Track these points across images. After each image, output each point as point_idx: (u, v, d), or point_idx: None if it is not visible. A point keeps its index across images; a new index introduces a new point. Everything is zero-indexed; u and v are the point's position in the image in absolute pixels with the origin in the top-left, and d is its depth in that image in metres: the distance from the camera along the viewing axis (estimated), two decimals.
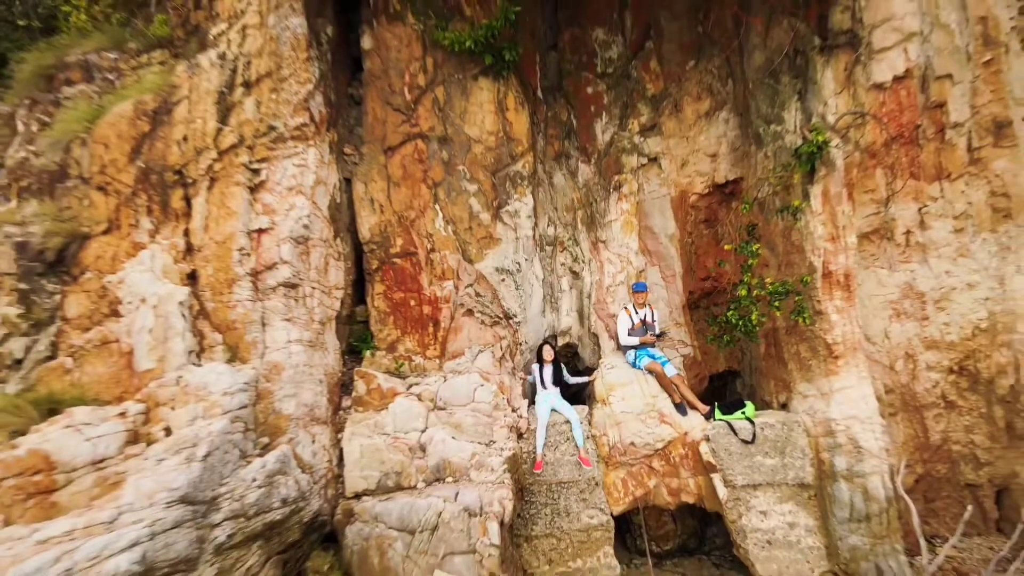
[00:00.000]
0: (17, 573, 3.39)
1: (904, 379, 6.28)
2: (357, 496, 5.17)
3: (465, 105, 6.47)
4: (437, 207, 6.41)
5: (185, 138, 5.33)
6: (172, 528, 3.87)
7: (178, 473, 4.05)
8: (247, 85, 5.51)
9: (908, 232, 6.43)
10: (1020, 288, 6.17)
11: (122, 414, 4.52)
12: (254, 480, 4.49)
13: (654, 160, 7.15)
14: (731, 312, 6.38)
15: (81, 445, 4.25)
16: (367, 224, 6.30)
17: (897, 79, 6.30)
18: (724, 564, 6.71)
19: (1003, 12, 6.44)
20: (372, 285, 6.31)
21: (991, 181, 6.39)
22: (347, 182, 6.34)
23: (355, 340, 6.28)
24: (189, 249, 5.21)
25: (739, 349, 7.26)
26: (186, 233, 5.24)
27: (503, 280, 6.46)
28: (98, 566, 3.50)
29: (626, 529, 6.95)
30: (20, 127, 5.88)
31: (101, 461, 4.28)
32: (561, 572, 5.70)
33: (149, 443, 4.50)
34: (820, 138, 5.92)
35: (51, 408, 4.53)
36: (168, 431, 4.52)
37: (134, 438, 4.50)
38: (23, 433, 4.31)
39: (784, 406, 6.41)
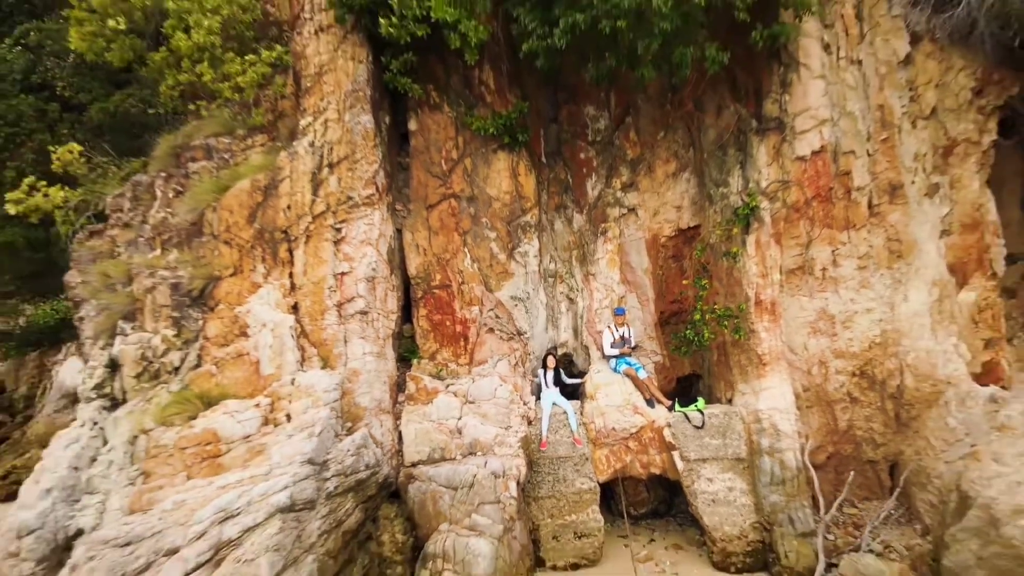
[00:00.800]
0: (219, 503, 5.35)
1: (818, 380, 8.23)
2: (414, 465, 7.12)
3: (487, 172, 8.43)
4: (466, 250, 8.37)
5: (289, 207, 7.30)
6: (304, 479, 5.82)
7: (304, 443, 6.01)
8: (331, 166, 7.48)
9: (824, 269, 8.37)
10: (905, 312, 8.12)
11: (257, 405, 6.47)
12: (348, 450, 6.45)
13: (632, 210, 9.10)
14: (689, 331, 8.34)
15: (235, 425, 6.21)
16: (414, 263, 8.26)
17: (815, 153, 8.24)
18: (685, 524, 8.65)
19: (896, 101, 8.39)
20: (417, 309, 8.27)
21: (887, 230, 8.34)
22: (398, 231, 8.30)
23: (405, 351, 8.22)
24: (293, 287, 7.18)
25: (700, 356, 9.19)
26: (290, 276, 7.21)
27: (516, 305, 8.41)
28: (266, 500, 5.45)
29: (610, 497, 8.86)
30: (159, 194, 7.84)
31: (248, 436, 6.23)
32: (560, 524, 7.64)
33: (275, 425, 6.45)
34: (753, 203, 7.89)
35: (207, 402, 6.49)
36: (288, 417, 6.47)
37: (265, 422, 6.44)
38: (194, 417, 6.27)
39: (730, 401, 8.35)
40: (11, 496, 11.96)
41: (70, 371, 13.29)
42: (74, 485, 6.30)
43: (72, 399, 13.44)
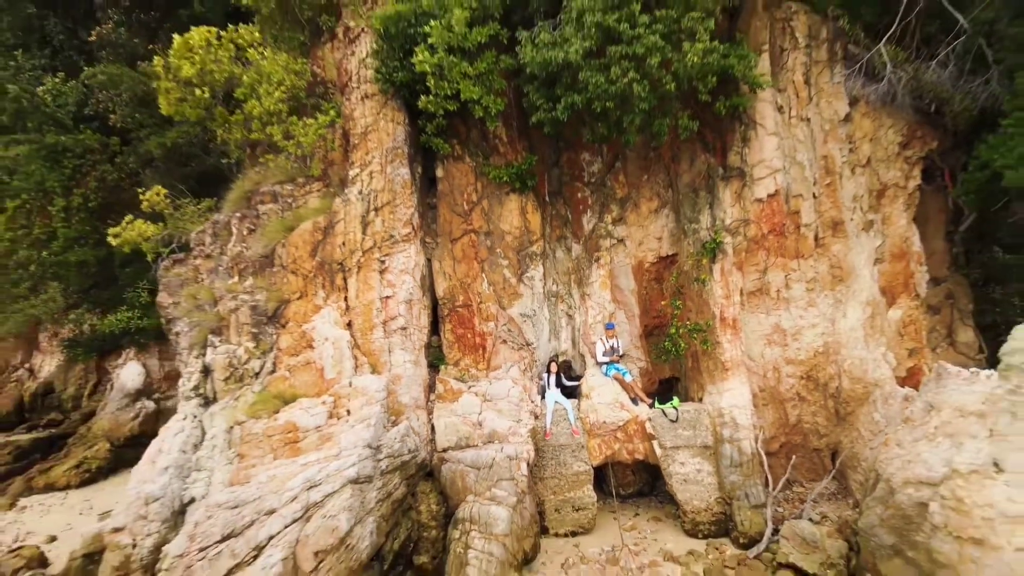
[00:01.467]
0: (306, 475, 7.05)
1: (772, 383, 9.94)
2: (444, 450, 8.82)
3: (501, 211, 10.14)
4: (483, 275, 10.07)
5: (343, 243, 9.00)
6: (365, 459, 7.52)
7: (364, 432, 7.70)
8: (376, 210, 9.19)
9: (778, 291, 10.07)
10: (844, 327, 9.81)
11: (323, 403, 8.16)
12: (395, 438, 8.16)
13: (621, 241, 10.81)
14: (667, 342, 10.05)
15: (309, 418, 7.91)
16: (441, 287, 9.97)
17: (770, 196, 9.93)
18: (665, 501, 10.32)
19: (838, 152, 10.10)
20: (444, 325, 9.97)
21: (830, 259, 10.04)
22: (428, 261, 9.99)
23: (434, 359, 9.90)
24: (347, 308, 8.88)
25: (678, 363, 10.89)
26: (345, 299, 8.91)
27: (525, 321, 10.12)
28: (340, 473, 7.15)
29: (602, 480, 10.55)
30: (235, 231, 9.54)
31: (319, 427, 7.93)
32: (561, 499, 9.34)
33: (338, 418, 8.13)
34: (718, 238, 9.60)
35: (284, 400, 8.18)
36: (348, 412, 8.16)
37: (331, 415, 8.14)
38: (276, 412, 7.96)
39: (700, 400, 10.05)
40: (84, 483, 13.75)
41: (130, 374, 15.00)
42: (183, 464, 8.00)
43: (133, 398, 15.16)
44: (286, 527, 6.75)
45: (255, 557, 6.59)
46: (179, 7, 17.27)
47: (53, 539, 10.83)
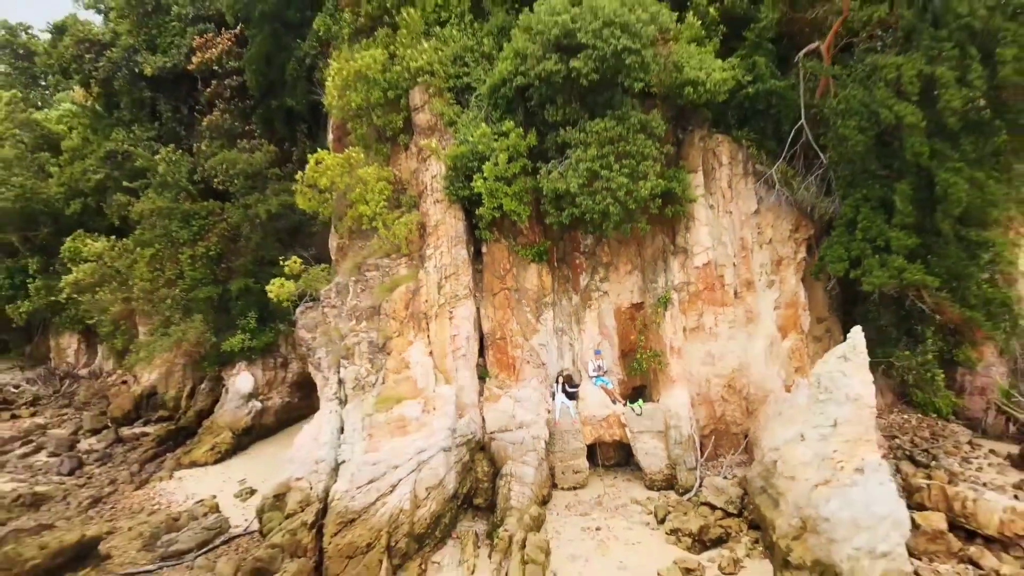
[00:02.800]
0: (416, 446, 11.81)
1: (705, 390, 14.68)
2: (492, 433, 13.55)
3: (525, 275, 14.87)
4: (514, 318, 14.81)
5: (426, 300, 13.76)
6: (448, 437, 12.25)
7: (446, 421, 12.43)
8: (445, 278, 13.96)
9: (710, 328, 14.80)
10: (752, 352, 14.53)
11: (419, 403, 12.89)
12: (463, 424, 12.89)
13: (606, 293, 15.55)
14: (635, 364, 14.82)
15: (411, 412, 12.60)
16: (486, 326, 14.70)
17: (704, 265, 14.67)
18: (635, 469, 15.05)
19: (750, 235, 14.88)
20: (488, 351, 14.69)
21: (745, 306, 14.79)
22: (477, 309, 14.73)
23: (481, 373, 14.62)
24: (430, 343, 13.64)
25: (644, 376, 15.61)
26: (428, 337, 13.67)
27: (541, 348, 14.85)
28: (436, 444, 11.91)
29: (593, 454, 15.26)
30: (351, 290, 14.29)
31: (417, 418, 12.66)
32: (565, 465, 14.04)
33: (428, 412, 12.86)
34: (668, 295, 14.38)
35: (395, 400, 12.91)
36: (435, 408, 12.88)
37: (423, 410, 12.85)
38: (390, 409, 12.68)
39: (657, 401, 14.77)
40: (216, 461, 18.40)
41: (244, 381, 19.72)
42: (333, 441, 12.73)
43: (246, 399, 19.86)
44: (408, 474, 11.53)
45: (392, 490, 11.36)
46: (270, 98, 22.02)
47: (214, 496, 15.61)
